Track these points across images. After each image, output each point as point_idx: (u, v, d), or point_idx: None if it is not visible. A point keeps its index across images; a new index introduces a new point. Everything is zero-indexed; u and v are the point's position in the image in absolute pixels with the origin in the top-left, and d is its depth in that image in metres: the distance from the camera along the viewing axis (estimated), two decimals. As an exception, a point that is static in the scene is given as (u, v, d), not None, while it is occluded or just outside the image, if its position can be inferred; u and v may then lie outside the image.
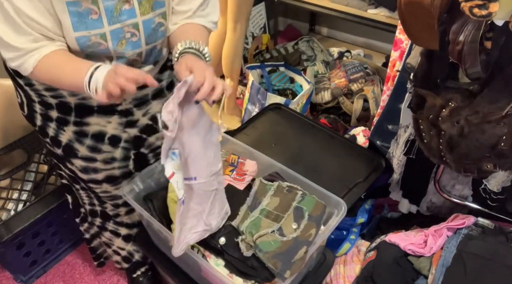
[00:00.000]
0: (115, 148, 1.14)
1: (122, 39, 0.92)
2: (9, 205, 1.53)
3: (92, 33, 0.88)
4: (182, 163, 0.90)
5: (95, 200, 1.27)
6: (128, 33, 0.92)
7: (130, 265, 1.45)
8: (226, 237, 1.00)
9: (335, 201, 1.09)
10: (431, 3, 0.85)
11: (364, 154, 1.48)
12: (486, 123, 0.93)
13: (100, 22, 0.88)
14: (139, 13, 0.91)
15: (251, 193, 1.10)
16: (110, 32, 0.90)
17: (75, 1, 0.83)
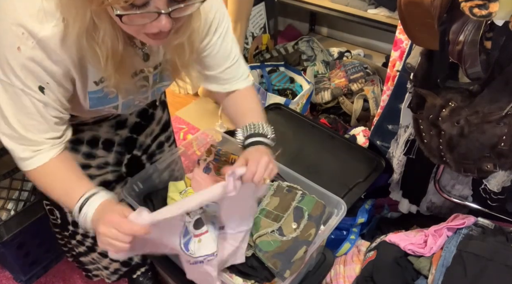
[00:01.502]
0: (109, 152, 1.14)
1: (131, 106, 0.95)
2: (9, 205, 1.53)
3: (106, 107, 0.90)
4: None
5: None
6: (137, 100, 0.96)
7: (130, 268, 1.44)
8: (226, 237, 1.00)
9: (335, 201, 1.09)
10: (431, 3, 0.85)
11: (364, 154, 1.48)
12: (486, 123, 0.93)
13: (116, 98, 0.89)
14: (151, 85, 0.94)
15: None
16: (122, 103, 0.92)
17: (97, 90, 0.84)
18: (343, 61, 2.39)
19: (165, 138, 1.31)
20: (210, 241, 0.91)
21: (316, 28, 3.01)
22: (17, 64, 0.71)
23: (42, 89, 0.75)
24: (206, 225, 0.92)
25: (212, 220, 0.95)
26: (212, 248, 0.91)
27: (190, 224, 0.90)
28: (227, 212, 0.94)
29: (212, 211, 0.94)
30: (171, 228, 0.89)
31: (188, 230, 0.90)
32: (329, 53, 2.59)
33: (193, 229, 0.90)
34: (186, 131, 2.34)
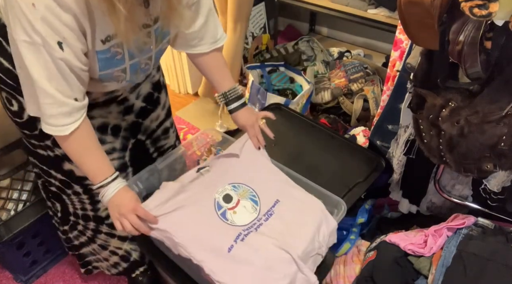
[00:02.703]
0: (116, 138, 1.19)
1: (138, 70, 1.01)
2: (9, 205, 1.53)
3: (115, 70, 0.94)
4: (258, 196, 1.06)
5: (87, 204, 1.26)
6: (143, 63, 1.01)
7: (129, 264, 1.45)
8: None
9: (335, 201, 1.09)
10: (431, 3, 0.85)
11: (364, 154, 1.48)
12: (486, 123, 0.93)
13: (123, 60, 0.94)
14: (154, 46, 0.99)
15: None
16: (129, 65, 0.96)
17: (104, 49, 0.87)
18: (343, 61, 2.39)
19: (170, 123, 1.38)
20: (246, 213, 1.01)
21: (316, 28, 3.01)
22: (35, 19, 0.75)
23: (60, 44, 0.79)
24: (240, 200, 1.03)
25: (251, 197, 1.05)
26: (250, 217, 1.00)
27: (220, 199, 1.02)
28: (256, 185, 1.07)
29: (245, 190, 1.05)
30: (203, 206, 0.99)
31: (220, 204, 1.01)
32: (329, 53, 2.59)
33: (224, 203, 1.02)
34: (186, 131, 2.35)
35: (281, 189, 1.09)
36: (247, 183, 1.07)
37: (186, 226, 0.95)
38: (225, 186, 1.05)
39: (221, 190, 1.04)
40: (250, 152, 1.13)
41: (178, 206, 0.97)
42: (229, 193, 1.04)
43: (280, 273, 0.93)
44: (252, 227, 0.99)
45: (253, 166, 1.11)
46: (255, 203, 1.04)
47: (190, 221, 0.96)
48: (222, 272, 0.91)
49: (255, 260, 0.93)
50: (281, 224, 1.00)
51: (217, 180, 1.06)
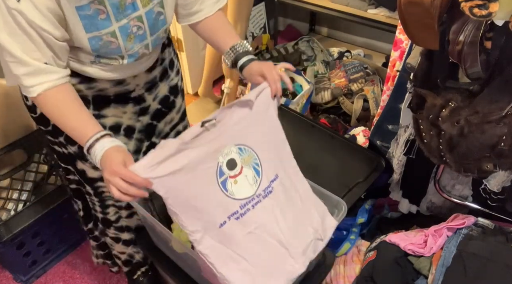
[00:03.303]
0: (129, 139, 1.16)
1: (130, 34, 0.95)
2: (9, 205, 1.53)
3: (103, 32, 0.90)
4: (262, 165, 0.96)
5: (97, 206, 1.27)
6: (135, 27, 0.95)
7: (131, 267, 1.45)
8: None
9: (335, 201, 1.09)
10: (431, 3, 0.85)
11: (364, 154, 1.48)
12: (486, 123, 0.93)
13: (109, 20, 0.90)
14: (141, 6, 0.94)
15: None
16: (118, 28, 0.92)
17: (83, 5, 0.85)
18: (343, 61, 2.39)
19: (182, 127, 1.35)
20: (246, 184, 0.93)
21: (316, 28, 3.01)
22: None
23: None
24: (243, 167, 0.94)
25: (253, 165, 0.96)
26: (250, 191, 0.93)
27: (224, 164, 0.91)
28: (261, 151, 0.97)
29: (249, 155, 0.96)
30: (204, 171, 0.89)
31: (223, 170, 0.91)
32: (329, 53, 2.59)
33: (227, 170, 0.92)
34: (186, 131, 2.34)
35: (282, 163, 1.00)
36: (253, 147, 0.96)
37: (181, 194, 0.86)
38: (231, 147, 0.93)
39: (226, 152, 0.92)
40: (264, 105, 1.00)
41: (176, 169, 0.84)
42: (234, 157, 0.93)
43: (270, 266, 0.91)
44: (250, 204, 0.94)
45: (262, 125, 0.99)
46: (257, 174, 0.95)
47: (186, 189, 0.86)
48: (209, 248, 0.88)
49: (245, 245, 0.91)
50: (277, 207, 0.96)
51: (223, 137, 0.92)
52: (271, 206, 0.96)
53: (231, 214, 0.90)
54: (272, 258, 0.95)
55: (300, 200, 1.01)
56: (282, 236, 0.95)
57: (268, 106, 1.02)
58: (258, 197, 0.94)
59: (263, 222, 0.94)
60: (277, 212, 0.96)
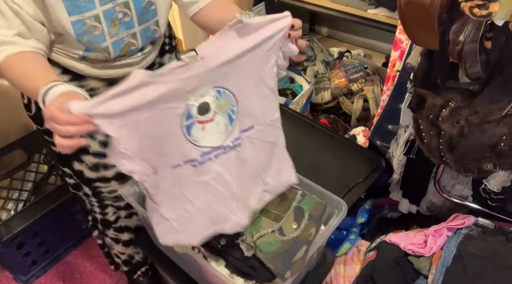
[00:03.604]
0: None
1: (115, 20, 0.92)
2: (9, 205, 1.53)
3: (86, 15, 0.88)
4: (239, 113, 0.84)
5: (96, 207, 1.27)
6: (120, 13, 0.93)
7: (130, 267, 1.45)
8: (226, 238, 1.00)
9: (336, 201, 1.09)
10: (431, 3, 0.85)
11: (364, 154, 1.48)
12: (486, 123, 0.93)
13: (92, 3, 0.88)
14: (135, 18, 0.93)
15: (251, 193, 1.10)
16: (103, 12, 0.90)
17: None
18: (343, 61, 2.39)
19: None
20: (215, 132, 0.83)
21: (316, 28, 3.01)
22: None
23: None
24: (216, 113, 0.81)
25: (229, 112, 0.84)
26: (218, 140, 0.83)
27: (194, 108, 0.79)
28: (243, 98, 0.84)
29: (227, 101, 0.83)
30: (168, 110, 0.76)
31: (191, 113, 0.79)
32: (329, 53, 2.59)
33: (197, 114, 0.79)
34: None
35: (263, 114, 0.90)
36: (235, 93, 0.82)
37: (135, 135, 0.75)
38: (209, 88, 0.78)
39: (200, 94, 0.78)
40: (268, 43, 0.83)
41: (132, 105, 0.71)
42: (208, 101, 0.79)
43: (215, 215, 0.89)
44: (212, 153, 0.84)
45: (255, 69, 0.84)
46: (230, 122, 0.84)
47: (142, 128, 0.75)
48: (153, 187, 0.81)
49: (195, 191, 0.85)
50: (240, 160, 0.88)
51: (203, 76, 0.77)
52: (234, 158, 0.87)
53: (188, 160, 0.82)
54: (220, 207, 0.90)
55: (266, 155, 0.94)
56: (235, 189, 0.89)
57: (273, 45, 0.85)
58: (224, 149, 0.85)
59: (221, 174, 0.86)
60: (238, 164, 0.88)
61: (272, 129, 0.94)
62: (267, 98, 0.91)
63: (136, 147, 0.76)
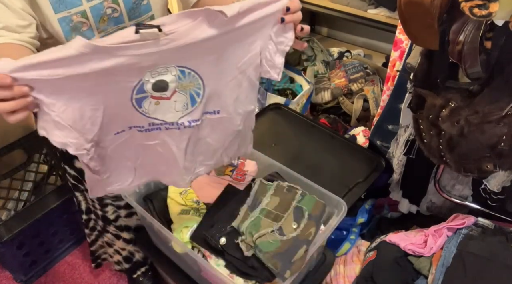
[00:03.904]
0: None
1: (103, 16, 0.90)
2: (9, 205, 1.53)
3: (72, 12, 0.86)
4: (204, 96, 0.76)
5: (97, 204, 1.27)
6: (109, 8, 0.90)
7: (131, 265, 1.45)
8: (226, 238, 1.00)
9: (336, 201, 1.09)
10: (431, 3, 0.85)
11: (364, 154, 1.48)
12: (486, 123, 0.93)
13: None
14: (124, 13, 0.91)
15: (251, 193, 1.10)
16: (90, 8, 0.88)
17: None
18: (343, 61, 2.39)
19: None
20: (171, 110, 0.75)
21: (316, 28, 3.01)
22: None
23: None
24: (176, 92, 0.73)
25: (192, 93, 0.75)
26: (172, 117, 0.75)
27: (148, 84, 0.70)
28: (213, 83, 0.75)
29: (192, 82, 0.74)
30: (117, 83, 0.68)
31: (145, 88, 0.71)
32: (329, 53, 2.59)
33: (151, 90, 0.71)
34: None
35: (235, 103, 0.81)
36: (204, 77, 0.73)
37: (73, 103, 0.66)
38: (170, 67, 0.70)
39: (159, 71, 0.69)
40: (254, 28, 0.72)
41: (74, 74, 0.63)
42: (166, 79, 0.71)
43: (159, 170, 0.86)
44: (163, 126, 0.77)
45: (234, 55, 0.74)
46: (192, 102, 0.76)
47: (83, 98, 0.67)
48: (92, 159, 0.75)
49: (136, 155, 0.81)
50: (194, 138, 0.82)
51: (165, 56, 0.68)
52: (187, 135, 0.80)
53: (134, 126, 0.76)
54: (160, 165, 0.85)
55: (227, 139, 0.88)
56: (181, 160, 0.84)
57: (256, 32, 0.73)
58: (177, 125, 0.77)
59: (168, 143, 0.80)
60: (191, 141, 0.82)
61: (242, 119, 0.86)
62: (244, 89, 0.81)
63: (73, 117, 0.67)
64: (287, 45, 0.77)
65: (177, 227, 1.09)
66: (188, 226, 1.08)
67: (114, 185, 0.87)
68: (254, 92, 0.83)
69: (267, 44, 0.75)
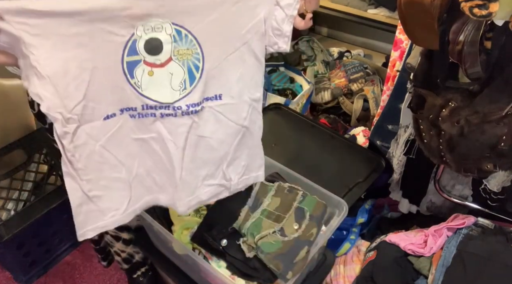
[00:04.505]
0: None
1: None
2: (9, 205, 1.53)
3: None
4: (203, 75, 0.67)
5: None
6: None
7: (131, 265, 1.45)
8: (227, 239, 1.00)
9: (336, 201, 1.09)
10: (431, 3, 0.85)
11: (364, 154, 1.48)
12: (486, 123, 0.93)
13: None
14: None
15: (252, 194, 1.10)
16: None
17: None
18: (343, 61, 2.39)
19: None
20: (166, 84, 0.66)
21: (316, 28, 3.01)
22: None
23: None
24: (171, 59, 0.65)
25: (190, 64, 0.67)
26: (167, 96, 0.67)
27: (141, 41, 0.62)
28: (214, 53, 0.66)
29: (189, 49, 0.65)
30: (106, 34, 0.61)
31: (137, 48, 0.63)
32: (329, 53, 2.59)
33: (143, 51, 0.63)
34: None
35: (239, 86, 0.73)
36: (200, 39, 0.65)
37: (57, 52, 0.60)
38: (165, 22, 0.63)
39: (152, 26, 0.62)
40: None
41: (59, 11, 0.58)
42: (161, 38, 0.63)
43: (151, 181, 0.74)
44: (158, 111, 0.68)
45: (236, 18, 0.67)
46: (190, 80, 0.67)
47: (68, 48, 0.60)
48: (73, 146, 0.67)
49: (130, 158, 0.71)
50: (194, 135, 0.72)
51: (160, 7, 0.62)
52: (187, 128, 0.71)
53: (126, 108, 0.67)
54: (159, 175, 0.76)
55: (234, 140, 0.78)
56: (178, 169, 0.73)
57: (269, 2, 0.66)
58: (174, 110, 0.68)
59: (164, 138, 0.71)
60: (192, 139, 0.73)
61: (248, 109, 0.76)
62: (248, 67, 0.72)
63: (55, 69, 0.61)
64: (295, 8, 0.69)
65: (178, 228, 1.09)
66: (189, 228, 1.08)
67: (107, 214, 0.74)
68: (259, 74, 0.75)
69: (272, 10, 0.69)
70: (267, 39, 0.71)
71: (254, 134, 0.80)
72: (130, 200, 0.77)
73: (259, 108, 0.79)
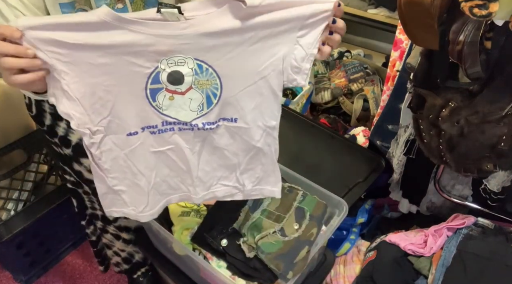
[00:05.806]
0: None
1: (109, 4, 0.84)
2: (9, 205, 1.53)
3: None
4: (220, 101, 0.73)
5: (96, 204, 1.27)
6: None
7: (131, 266, 1.45)
8: (228, 239, 1.00)
9: (336, 201, 1.09)
10: (431, 3, 0.85)
11: (364, 154, 1.48)
12: (486, 123, 0.93)
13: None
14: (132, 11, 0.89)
15: (252, 194, 1.10)
16: None
17: (67, 2, 0.80)
18: (343, 61, 2.39)
19: None
20: (185, 107, 0.72)
21: (316, 28, 3.01)
22: None
23: None
24: (192, 88, 0.70)
25: (208, 93, 0.72)
26: (185, 116, 0.73)
27: (164, 74, 0.68)
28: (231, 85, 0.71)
29: (209, 81, 0.71)
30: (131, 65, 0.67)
31: (160, 79, 0.68)
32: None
33: (166, 81, 0.69)
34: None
35: (254, 113, 0.76)
36: (220, 73, 0.70)
37: (86, 78, 0.67)
38: (188, 57, 0.67)
39: (175, 61, 0.67)
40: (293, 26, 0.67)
41: (91, 44, 0.63)
42: (182, 71, 0.68)
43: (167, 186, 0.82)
44: (176, 126, 0.75)
45: (255, 56, 0.69)
46: (208, 103, 0.73)
47: (97, 75, 0.67)
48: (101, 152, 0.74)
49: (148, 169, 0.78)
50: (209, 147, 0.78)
51: (182, 39, 0.66)
52: (202, 141, 0.78)
53: (147, 126, 0.74)
54: (174, 181, 0.83)
55: (247, 155, 0.82)
56: (195, 169, 0.80)
57: (285, 33, 0.68)
58: (191, 126, 0.75)
59: (181, 147, 0.77)
60: (207, 149, 0.79)
61: (262, 133, 0.81)
62: (265, 99, 0.76)
63: (84, 91, 0.67)
64: (315, 47, 0.70)
65: (178, 228, 1.09)
66: (189, 228, 1.08)
67: (129, 207, 0.83)
68: (276, 105, 0.78)
69: (292, 49, 0.70)
70: (285, 76, 0.74)
71: (268, 154, 0.85)
72: (147, 205, 0.85)
73: (275, 135, 0.83)
